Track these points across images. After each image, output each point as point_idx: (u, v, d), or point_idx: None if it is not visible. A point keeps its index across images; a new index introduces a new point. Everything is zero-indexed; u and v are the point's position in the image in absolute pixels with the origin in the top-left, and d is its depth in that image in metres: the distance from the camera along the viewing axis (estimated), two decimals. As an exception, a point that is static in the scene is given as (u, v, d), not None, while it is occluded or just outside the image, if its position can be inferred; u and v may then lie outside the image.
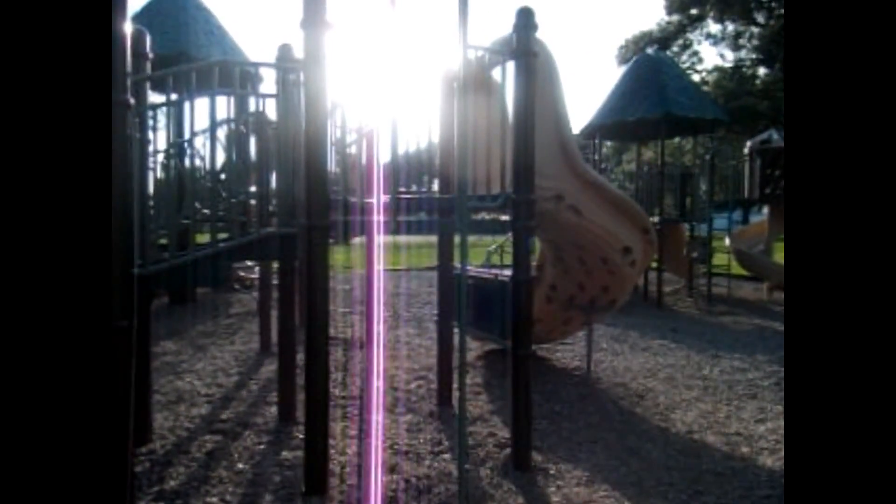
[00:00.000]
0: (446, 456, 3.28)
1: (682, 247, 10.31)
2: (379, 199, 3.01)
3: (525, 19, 3.12)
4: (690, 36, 29.18)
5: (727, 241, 11.06)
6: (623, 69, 10.67)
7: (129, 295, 2.18)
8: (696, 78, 25.62)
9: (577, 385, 4.78)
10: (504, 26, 3.43)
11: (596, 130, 10.42)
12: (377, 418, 3.61)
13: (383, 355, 5.52)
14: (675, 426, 3.88)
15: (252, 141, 3.94)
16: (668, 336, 6.75)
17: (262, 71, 7.60)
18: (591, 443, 3.54)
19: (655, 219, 9.15)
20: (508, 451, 3.29)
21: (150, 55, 3.46)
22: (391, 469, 3.10)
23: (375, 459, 3.02)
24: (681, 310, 8.97)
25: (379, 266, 3.17)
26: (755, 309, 8.92)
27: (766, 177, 10.12)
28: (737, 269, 10.98)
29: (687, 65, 28.02)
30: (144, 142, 3.26)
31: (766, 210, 11.64)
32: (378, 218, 2.99)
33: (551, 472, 3.13)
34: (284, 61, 3.91)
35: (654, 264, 9.17)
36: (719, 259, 11.08)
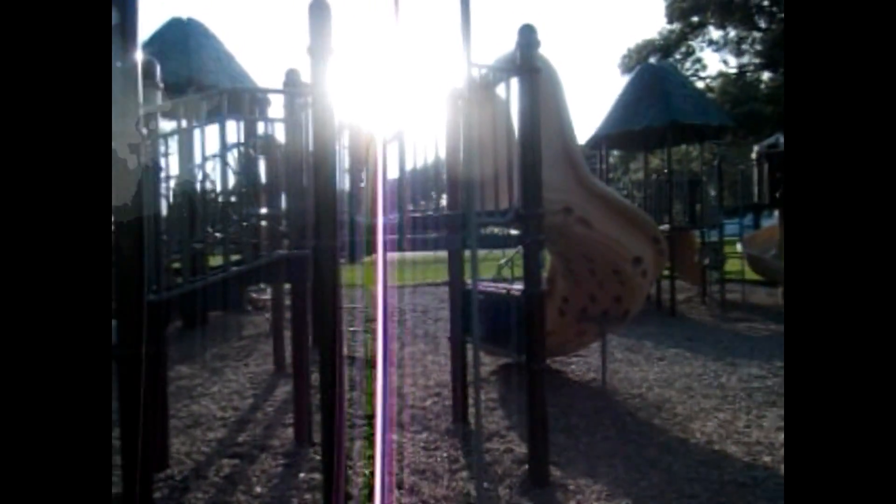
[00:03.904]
0: (463, 474, 3.26)
1: (694, 254, 10.24)
2: (386, 217, 3.03)
3: (527, 36, 3.15)
4: (692, 43, 29.26)
5: (739, 247, 10.97)
6: (627, 78, 10.70)
7: (141, 322, 2.20)
8: (700, 85, 25.60)
9: (594, 397, 4.74)
10: (507, 41, 3.46)
11: (602, 140, 10.44)
12: (384, 437, 3.60)
13: (396, 373, 5.50)
14: (694, 437, 3.83)
15: (261, 164, 3.99)
16: (684, 345, 6.68)
17: (270, 95, 7.71)
18: (609, 456, 3.50)
19: (665, 227, 9.12)
20: (526, 467, 3.26)
21: (161, 85, 3.53)
22: (409, 489, 3.08)
23: (389, 480, 3.00)
24: (695, 318, 8.88)
25: (389, 284, 3.18)
26: (770, 314, 8.82)
27: (775, 180, 10.05)
28: (750, 274, 10.88)
29: (691, 72, 28.07)
30: (157, 170, 3.31)
31: (777, 214, 11.55)
32: (386, 237, 3.00)
33: (570, 487, 3.10)
34: (291, 86, 3.97)
35: (667, 272, 9.11)
36: (732, 265, 10.99)
